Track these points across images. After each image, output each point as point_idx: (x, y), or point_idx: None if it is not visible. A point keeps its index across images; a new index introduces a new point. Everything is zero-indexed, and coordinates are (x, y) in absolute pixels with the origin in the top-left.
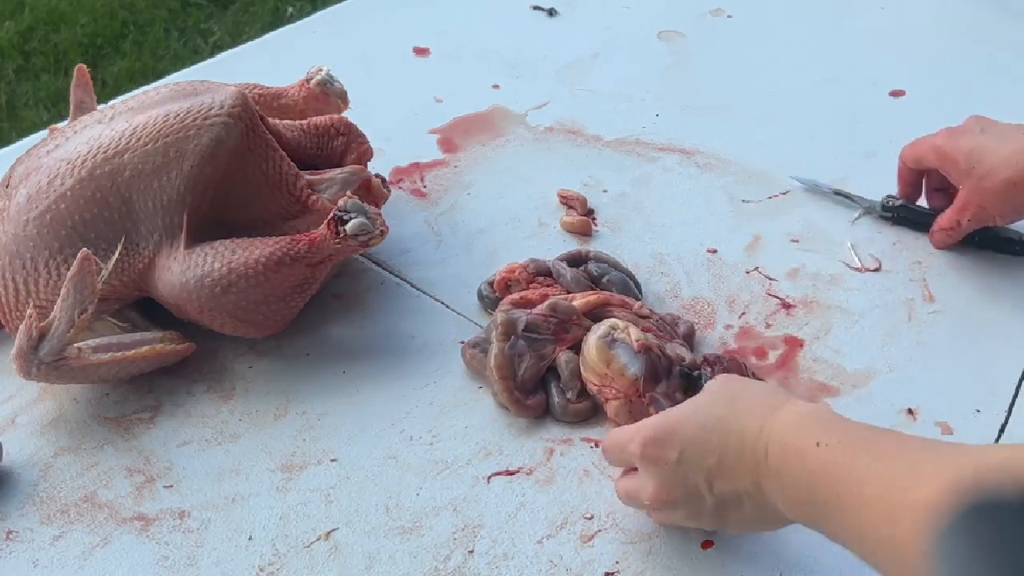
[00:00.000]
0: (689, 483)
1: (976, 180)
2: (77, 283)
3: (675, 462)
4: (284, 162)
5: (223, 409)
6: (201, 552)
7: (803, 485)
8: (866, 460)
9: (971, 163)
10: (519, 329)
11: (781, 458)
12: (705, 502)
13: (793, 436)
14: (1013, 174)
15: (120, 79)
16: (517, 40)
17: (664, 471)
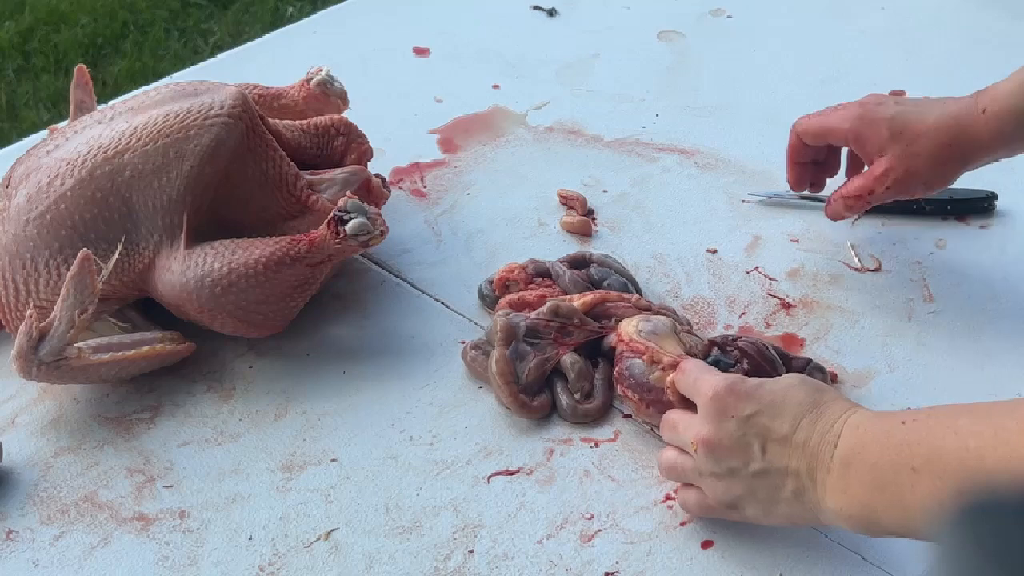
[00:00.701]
0: (745, 441)
1: (904, 145)
2: (77, 283)
3: (743, 417)
4: (284, 162)
5: (223, 409)
6: (201, 552)
7: (884, 460)
8: (965, 420)
9: (896, 128)
10: (520, 334)
11: (855, 440)
12: (750, 465)
13: (871, 421)
14: (945, 137)
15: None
16: (517, 40)
17: (728, 422)
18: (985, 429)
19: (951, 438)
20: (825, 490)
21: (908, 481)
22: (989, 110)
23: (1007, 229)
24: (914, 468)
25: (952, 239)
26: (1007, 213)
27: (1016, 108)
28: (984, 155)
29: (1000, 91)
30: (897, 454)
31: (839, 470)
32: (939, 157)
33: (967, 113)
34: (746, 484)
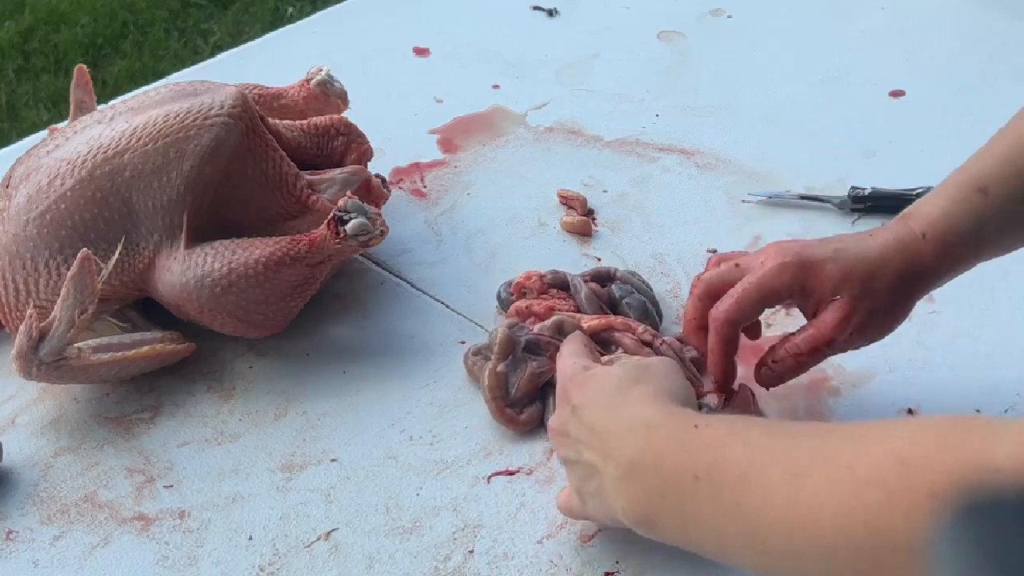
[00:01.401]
0: (575, 433)
1: (862, 283)
2: (77, 283)
3: (574, 406)
4: (284, 162)
5: (223, 409)
6: (201, 552)
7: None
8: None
9: (846, 266)
10: (519, 350)
11: (644, 443)
12: (580, 456)
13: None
14: (900, 267)
15: (120, 79)
16: (517, 40)
17: (563, 411)
18: (776, 445)
19: (738, 448)
20: (617, 489)
21: (690, 488)
22: (929, 235)
23: None
24: (696, 476)
25: None
26: None
27: (956, 228)
28: (935, 280)
29: (935, 213)
30: (682, 460)
31: (627, 470)
32: (898, 289)
33: (911, 239)
34: (579, 475)
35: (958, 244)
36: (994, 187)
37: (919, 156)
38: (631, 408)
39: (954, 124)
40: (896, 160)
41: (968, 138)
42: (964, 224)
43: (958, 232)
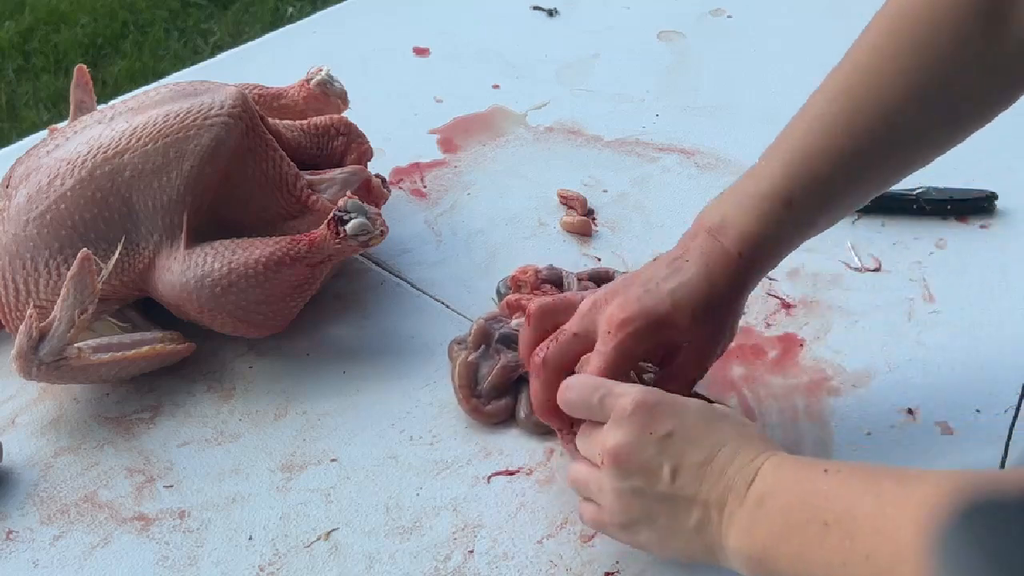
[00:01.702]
0: (657, 461)
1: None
2: (77, 283)
3: (659, 436)
4: (284, 162)
5: (223, 409)
6: (201, 552)
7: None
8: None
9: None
10: (493, 340)
11: (772, 480)
12: (656, 486)
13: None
14: (733, 292)
15: (120, 79)
16: (517, 40)
17: (642, 438)
18: (908, 499)
19: (870, 500)
20: (731, 526)
21: (817, 534)
22: (745, 254)
23: (1007, 229)
24: (826, 522)
25: (952, 239)
26: (1007, 213)
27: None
28: (749, 292)
29: (748, 230)
30: (812, 503)
31: (751, 508)
32: (730, 313)
33: (729, 260)
34: (646, 507)
35: (770, 258)
36: (797, 200)
37: None
38: (753, 445)
39: None
40: None
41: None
42: (776, 238)
43: (771, 248)
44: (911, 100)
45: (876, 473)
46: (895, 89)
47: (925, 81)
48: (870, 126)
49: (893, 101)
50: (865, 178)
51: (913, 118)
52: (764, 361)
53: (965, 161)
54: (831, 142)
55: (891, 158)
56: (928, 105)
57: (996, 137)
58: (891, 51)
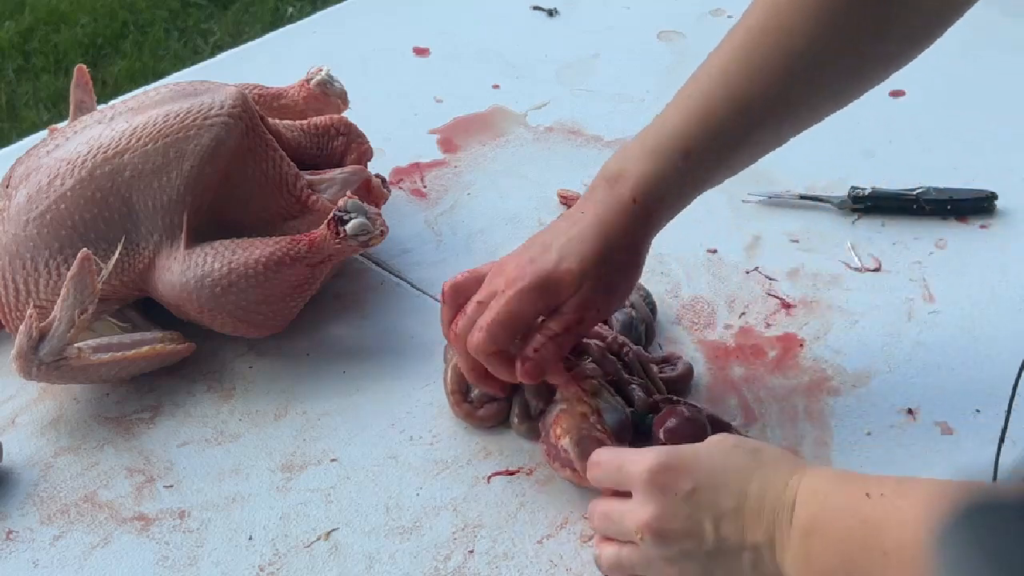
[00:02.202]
0: (695, 519)
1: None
2: (77, 283)
3: (686, 493)
4: (284, 162)
5: (223, 409)
6: (201, 552)
7: (851, 536)
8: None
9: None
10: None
11: (816, 509)
12: (704, 544)
13: (832, 491)
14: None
15: (120, 79)
16: (517, 40)
17: (671, 501)
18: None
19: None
20: (785, 560)
21: (879, 562)
22: (639, 200)
23: (1007, 229)
24: (885, 552)
25: (952, 239)
26: (1007, 213)
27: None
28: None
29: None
30: (865, 533)
31: (799, 539)
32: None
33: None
34: (701, 565)
35: (664, 206)
36: (696, 151)
37: (919, 156)
38: (778, 472)
39: (954, 124)
40: (896, 160)
41: (968, 138)
42: (671, 187)
43: (665, 196)
44: (812, 52)
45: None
46: (796, 40)
47: (827, 33)
48: (769, 76)
49: (793, 52)
50: (765, 130)
51: (814, 70)
52: (764, 361)
53: (965, 161)
54: (730, 93)
55: (791, 111)
56: (829, 56)
57: (996, 137)
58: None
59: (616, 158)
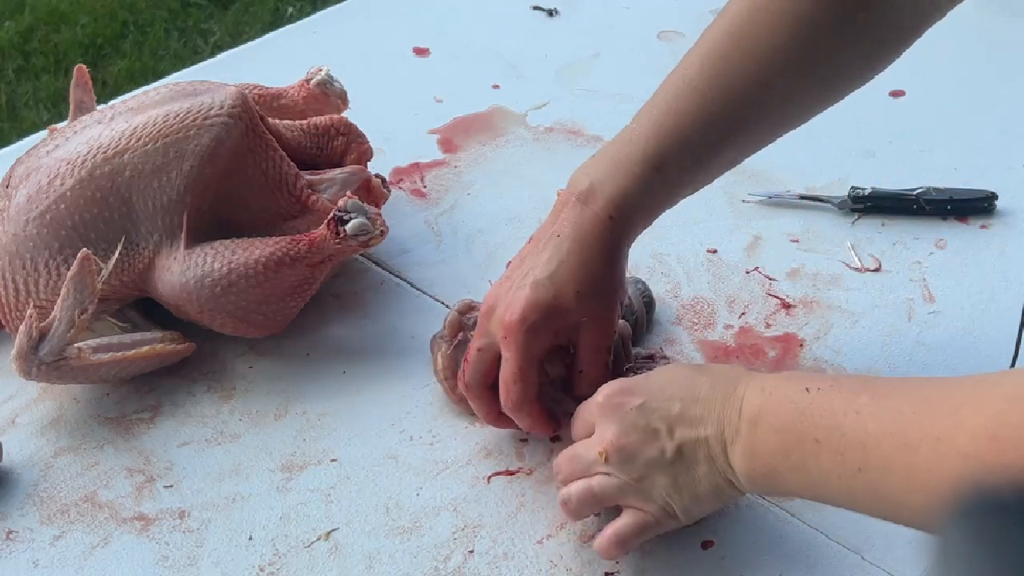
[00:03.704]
0: (651, 427)
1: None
2: (77, 283)
3: (638, 407)
4: (284, 162)
5: (223, 409)
6: (201, 552)
7: (789, 427)
8: (866, 398)
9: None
10: (468, 330)
11: (761, 402)
12: (665, 450)
13: (776, 386)
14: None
15: (120, 79)
16: (517, 40)
17: (626, 415)
18: (885, 415)
19: (852, 417)
20: (735, 453)
21: (812, 450)
22: (616, 217)
23: (1007, 229)
24: (816, 439)
25: (952, 239)
26: (1007, 213)
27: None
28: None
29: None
30: (801, 422)
31: (747, 431)
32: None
33: (602, 225)
34: (666, 472)
35: (639, 218)
36: (668, 165)
37: (919, 156)
38: (726, 375)
39: (954, 124)
40: (896, 160)
41: (968, 138)
42: (645, 202)
43: (640, 209)
44: (785, 62)
45: (855, 388)
46: (768, 51)
47: (800, 43)
48: (742, 88)
49: (767, 63)
50: (738, 139)
51: (786, 80)
52: (764, 361)
53: (965, 161)
54: (702, 105)
55: (764, 120)
56: (802, 66)
57: (996, 137)
58: (766, 13)
59: (585, 172)
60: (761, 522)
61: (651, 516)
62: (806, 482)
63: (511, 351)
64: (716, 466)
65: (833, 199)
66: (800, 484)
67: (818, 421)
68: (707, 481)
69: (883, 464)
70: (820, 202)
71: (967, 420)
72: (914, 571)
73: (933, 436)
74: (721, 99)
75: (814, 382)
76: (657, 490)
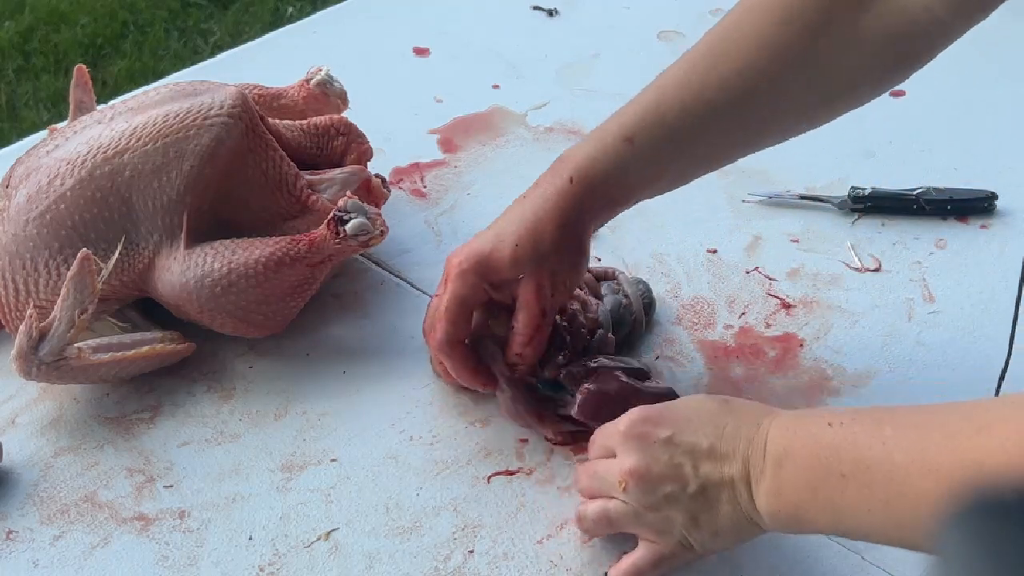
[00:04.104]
0: (675, 462)
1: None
2: (77, 283)
3: (664, 439)
4: (284, 162)
5: (223, 409)
6: (201, 552)
7: (815, 464)
8: (890, 430)
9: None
10: None
11: (785, 442)
12: (687, 486)
13: (799, 424)
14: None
15: (120, 79)
16: (517, 40)
17: (651, 447)
18: (911, 445)
19: (878, 448)
20: (759, 493)
21: (838, 486)
22: (576, 179)
23: (1007, 229)
24: (843, 474)
25: (952, 239)
26: (1007, 213)
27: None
28: (592, 220)
29: (581, 158)
30: (826, 458)
31: (772, 471)
32: (563, 240)
33: (559, 186)
34: (686, 508)
35: (605, 187)
36: (639, 136)
37: (919, 156)
38: (749, 414)
39: (954, 124)
40: (896, 160)
41: (968, 138)
42: (609, 169)
43: (604, 176)
44: (772, 61)
45: (877, 419)
46: (756, 43)
47: (790, 44)
48: (724, 80)
49: (751, 59)
50: (716, 130)
51: (772, 79)
52: (764, 361)
53: (965, 161)
54: (682, 89)
55: (746, 116)
56: (789, 70)
57: (996, 137)
58: (757, 15)
59: (570, 148)
60: None
61: (667, 549)
62: (833, 518)
63: (445, 290)
64: (740, 505)
65: (833, 199)
66: (827, 520)
67: (843, 456)
68: (729, 519)
69: (913, 493)
70: (820, 202)
71: (996, 440)
72: (914, 571)
73: (959, 463)
74: (700, 83)
75: (836, 417)
76: (674, 524)
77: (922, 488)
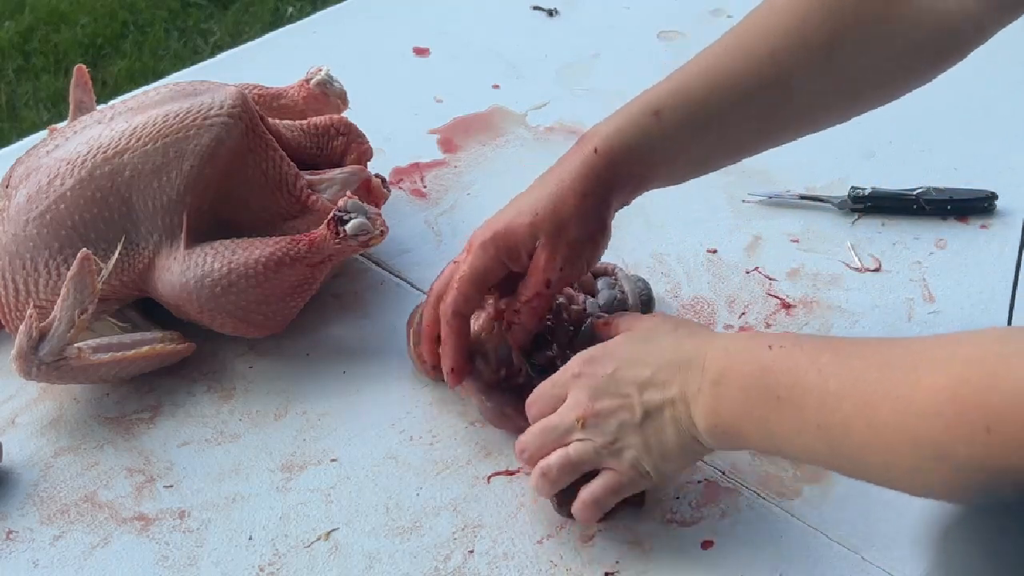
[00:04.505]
0: (621, 392)
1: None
2: (77, 283)
3: (609, 374)
4: (284, 162)
5: (223, 409)
6: (201, 552)
7: (752, 384)
8: (828, 357)
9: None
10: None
11: (725, 362)
12: (634, 413)
13: (739, 346)
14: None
15: (120, 79)
16: (517, 40)
17: (597, 383)
18: (846, 375)
19: (814, 375)
20: (698, 410)
21: (773, 407)
22: (600, 150)
23: (1007, 229)
24: (779, 396)
25: (952, 239)
26: (1007, 213)
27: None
28: (615, 195)
29: (608, 130)
30: (763, 379)
31: (710, 389)
32: (585, 212)
33: (585, 157)
34: (638, 434)
35: (629, 160)
36: (666, 111)
37: (919, 156)
38: (694, 338)
39: (954, 124)
40: (896, 160)
41: (968, 138)
42: (634, 142)
43: (629, 149)
44: (803, 50)
45: (817, 347)
46: (788, 28)
47: (822, 35)
48: (753, 57)
49: (783, 44)
50: (743, 112)
51: (800, 61)
52: None
53: (965, 161)
54: (712, 69)
55: (774, 102)
56: (819, 60)
57: (996, 137)
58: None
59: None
60: (761, 522)
61: (624, 476)
62: (767, 438)
63: (464, 262)
64: (681, 425)
65: (833, 199)
66: (761, 439)
67: (780, 379)
68: (674, 440)
69: (843, 421)
70: (820, 202)
71: (926, 379)
72: (914, 571)
73: (893, 395)
74: (729, 62)
75: (777, 340)
76: (629, 451)
77: (854, 417)
